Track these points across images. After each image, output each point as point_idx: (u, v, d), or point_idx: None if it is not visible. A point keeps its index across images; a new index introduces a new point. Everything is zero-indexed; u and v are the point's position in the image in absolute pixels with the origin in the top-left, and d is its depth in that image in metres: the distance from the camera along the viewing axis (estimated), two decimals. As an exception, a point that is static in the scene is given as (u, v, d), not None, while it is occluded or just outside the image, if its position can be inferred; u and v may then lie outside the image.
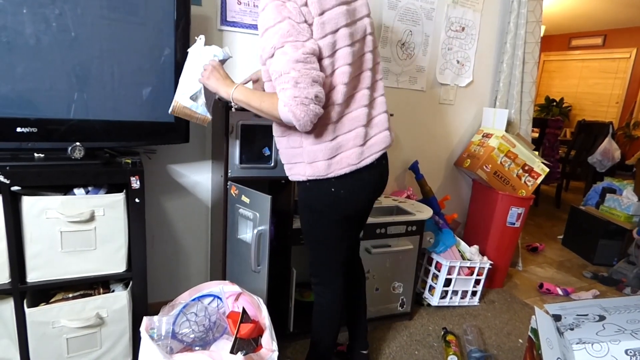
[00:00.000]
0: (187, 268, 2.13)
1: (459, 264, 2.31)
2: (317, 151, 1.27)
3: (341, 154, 1.28)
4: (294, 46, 1.12)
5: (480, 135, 2.65)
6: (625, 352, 1.21)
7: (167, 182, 1.97)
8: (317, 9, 1.16)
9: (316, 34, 1.17)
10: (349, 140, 1.28)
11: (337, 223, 1.39)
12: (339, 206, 1.34)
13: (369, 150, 1.31)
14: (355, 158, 1.29)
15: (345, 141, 1.28)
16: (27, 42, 1.33)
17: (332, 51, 1.20)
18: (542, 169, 2.55)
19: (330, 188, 1.31)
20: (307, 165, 1.30)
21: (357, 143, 1.29)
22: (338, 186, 1.31)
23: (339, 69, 1.22)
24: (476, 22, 2.57)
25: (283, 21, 1.13)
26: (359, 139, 1.29)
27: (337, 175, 1.28)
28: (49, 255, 1.41)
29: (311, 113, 1.13)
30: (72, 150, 1.43)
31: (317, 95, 1.13)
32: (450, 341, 1.96)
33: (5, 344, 1.47)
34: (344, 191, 1.32)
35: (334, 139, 1.27)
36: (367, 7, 1.31)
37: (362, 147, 1.30)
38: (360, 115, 1.29)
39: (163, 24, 1.53)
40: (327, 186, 1.31)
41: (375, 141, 1.33)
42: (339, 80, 1.22)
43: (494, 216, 2.56)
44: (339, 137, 1.27)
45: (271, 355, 1.21)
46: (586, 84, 7.05)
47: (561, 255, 3.44)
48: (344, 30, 1.21)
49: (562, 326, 1.35)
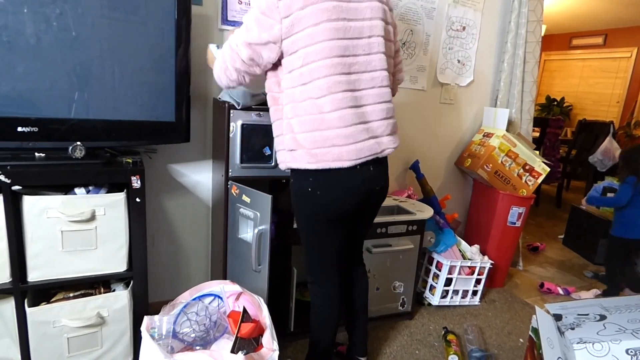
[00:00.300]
0: (188, 267, 2.13)
1: (460, 264, 2.31)
2: (300, 140, 1.28)
3: (322, 149, 1.26)
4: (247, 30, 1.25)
5: (481, 134, 2.65)
6: (626, 352, 1.21)
7: (167, 181, 1.97)
8: (287, 9, 1.19)
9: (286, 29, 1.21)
10: (329, 138, 1.26)
11: (321, 224, 1.39)
12: (315, 208, 1.35)
13: (349, 154, 1.27)
14: (331, 157, 1.26)
15: (324, 138, 1.26)
16: (28, 42, 1.33)
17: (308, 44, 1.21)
18: (543, 169, 2.55)
19: (307, 188, 1.32)
20: (287, 152, 1.33)
21: (336, 143, 1.26)
22: (314, 186, 1.31)
23: (318, 61, 1.22)
24: (477, 22, 2.57)
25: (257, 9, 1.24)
26: (339, 138, 1.26)
27: (313, 168, 1.28)
28: (50, 254, 1.41)
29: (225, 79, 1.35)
30: (72, 150, 1.43)
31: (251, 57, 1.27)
32: (451, 341, 1.96)
33: (6, 343, 1.47)
34: (320, 192, 1.31)
35: (314, 131, 1.26)
36: (378, 10, 1.29)
37: (341, 148, 1.26)
38: (347, 115, 1.25)
39: (164, 24, 1.53)
40: (304, 185, 1.33)
41: (365, 146, 1.30)
42: (316, 74, 1.23)
43: (494, 216, 2.56)
44: (319, 131, 1.26)
45: (272, 354, 1.21)
46: (587, 83, 7.04)
47: (562, 255, 3.44)
48: (325, 25, 1.20)
49: (563, 326, 1.35)
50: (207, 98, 1.94)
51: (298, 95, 1.27)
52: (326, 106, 1.24)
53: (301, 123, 1.28)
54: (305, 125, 1.27)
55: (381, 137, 1.34)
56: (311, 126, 1.27)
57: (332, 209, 1.35)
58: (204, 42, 1.78)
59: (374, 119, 1.32)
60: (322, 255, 1.46)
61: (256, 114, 1.63)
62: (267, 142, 1.68)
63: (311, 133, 1.27)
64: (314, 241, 1.45)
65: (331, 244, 1.44)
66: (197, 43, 1.82)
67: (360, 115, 1.29)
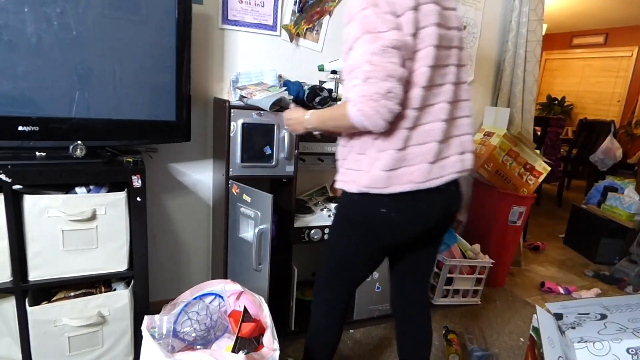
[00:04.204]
0: (189, 267, 2.13)
1: (460, 263, 2.31)
2: (380, 159, 1.09)
3: (405, 167, 1.10)
4: (373, 37, 0.99)
5: (482, 133, 2.65)
6: (627, 351, 1.21)
7: (168, 180, 1.97)
8: (410, 1, 1.02)
9: (405, 29, 1.02)
10: (418, 154, 1.10)
11: (374, 247, 1.24)
12: (385, 230, 1.17)
13: (439, 171, 1.12)
14: (420, 176, 1.09)
15: (413, 154, 1.09)
16: (29, 41, 1.33)
17: (415, 49, 1.06)
18: (544, 168, 2.55)
19: (382, 208, 1.13)
20: (364, 174, 1.12)
21: (426, 159, 1.10)
22: (391, 207, 1.13)
23: (419, 69, 1.06)
24: (478, 21, 2.56)
25: (367, 9, 1.00)
26: (430, 155, 1.10)
27: (394, 192, 1.10)
28: (51, 253, 1.42)
29: (383, 109, 0.99)
30: (73, 149, 1.43)
31: (390, 90, 0.98)
32: (452, 340, 1.96)
33: (7, 342, 1.47)
34: (396, 214, 1.13)
35: (402, 149, 1.09)
36: (459, 20, 1.17)
37: (432, 165, 1.11)
38: (436, 129, 1.11)
39: (164, 23, 1.53)
40: (378, 204, 1.13)
41: (449, 162, 1.15)
42: (417, 82, 1.06)
43: (495, 215, 2.56)
44: (408, 148, 1.09)
45: (272, 354, 1.21)
46: (588, 82, 7.04)
47: (563, 254, 3.44)
48: (433, 29, 1.05)
49: (564, 325, 1.35)
50: (207, 97, 1.94)
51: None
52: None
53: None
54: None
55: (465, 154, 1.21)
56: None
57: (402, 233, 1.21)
58: (204, 42, 1.79)
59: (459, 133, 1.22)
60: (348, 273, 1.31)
61: (257, 113, 1.63)
62: (268, 141, 1.68)
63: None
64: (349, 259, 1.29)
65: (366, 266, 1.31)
66: (197, 42, 1.82)
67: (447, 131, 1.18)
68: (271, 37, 2.00)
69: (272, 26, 1.98)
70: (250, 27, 1.94)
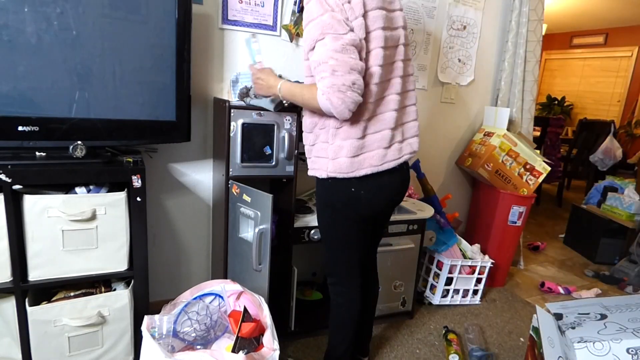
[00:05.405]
0: (189, 267, 2.13)
1: (460, 263, 2.31)
2: (343, 147, 1.28)
3: (365, 153, 1.30)
4: (334, 37, 1.16)
5: (482, 134, 2.65)
6: (627, 351, 1.21)
7: (168, 180, 1.97)
8: (360, 9, 1.20)
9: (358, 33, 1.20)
10: (375, 141, 1.30)
11: (356, 222, 1.40)
12: (357, 205, 1.36)
13: (392, 155, 1.33)
14: (377, 160, 1.30)
15: (371, 142, 1.30)
16: (29, 41, 1.33)
17: (367, 50, 1.24)
18: (544, 168, 2.55)
19: (351, 187, 1.33)
20: (330, 161, 1.31)
21: (381, 145, 1.31)
22: (358, 186, 1.32)
23: (371, 67, 1.25)
24: (478, 21, 2.56)
25: (325, 14, 1.17)
26: (385, 141, 1.31)
27: (358, 175, 1.30)
28: (51, 253, 1.42)
29: (348, 100, 1.16)
30: (73, 149, 1.43)
31: (354, 82, 1.16)
32: (452, 340, 1.96)
33: (7, 342, 1.47)
34: (364, 192, 1.33)
35: (361, 138, 1.29)
36: (403, 19, 1.35)
37: (386, 150, 1.32)
38: (389, 118, 1.32)
39: (164, 23, 1.53)
40: (347, 185, 1.33)
41: (400, 146, 1.36)
42: (371, 79, 1.25)
43: (495, 215, 2.56)
44: (367, 136, 1.30)
45: (272, 354, 1.21)
46: (588, 82, 7.03)
47: (563, 254, 3.44)
48: (379, 32, 1.24)
49: (564, 325, 1.35)
50: (207, 97, 1.94)
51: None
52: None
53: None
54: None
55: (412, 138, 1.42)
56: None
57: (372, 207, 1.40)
58: (204, 42, 1.79)
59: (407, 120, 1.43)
60: (348, 254, 1.47)
61: (257, 113, 1.63)
62: (268, 141, 1.68)
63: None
64: (343, 240, 1.45)
65: (359, 243, 1.47)
66: (197, 42, 1.82)
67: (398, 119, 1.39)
68: (271, 37, 2.00)
69: (272, 26, 1.98)
70: (251, 27, 1.94)
